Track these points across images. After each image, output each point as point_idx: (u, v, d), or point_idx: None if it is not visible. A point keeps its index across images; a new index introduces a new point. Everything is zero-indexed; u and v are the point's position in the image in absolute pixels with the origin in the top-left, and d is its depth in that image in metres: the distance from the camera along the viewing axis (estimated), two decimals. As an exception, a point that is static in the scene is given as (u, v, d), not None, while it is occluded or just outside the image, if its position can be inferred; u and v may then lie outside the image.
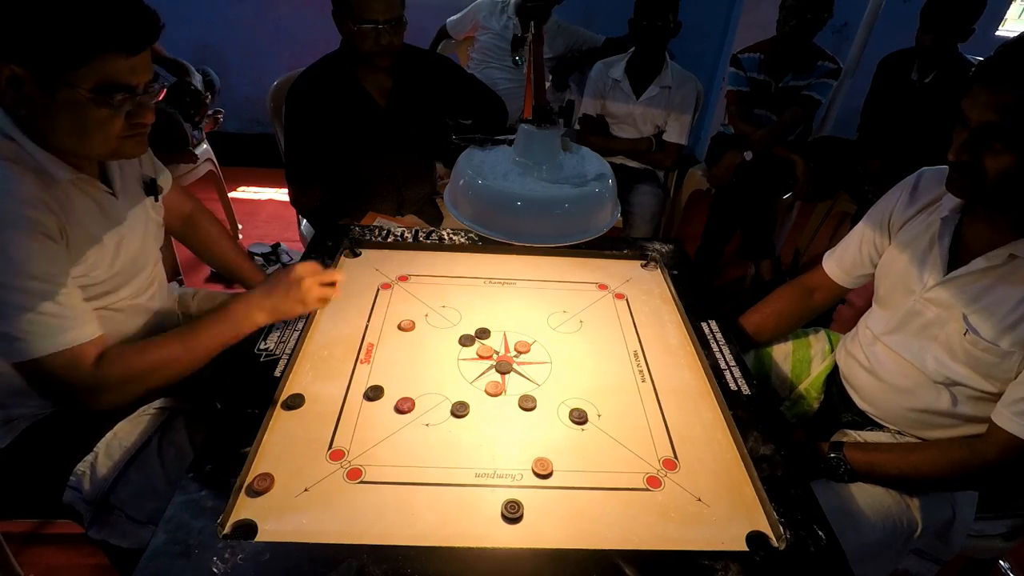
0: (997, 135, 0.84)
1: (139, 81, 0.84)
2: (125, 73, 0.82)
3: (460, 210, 0.88)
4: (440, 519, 0.77)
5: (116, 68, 0.81)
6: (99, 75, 0.80)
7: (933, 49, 2.10)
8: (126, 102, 0.84)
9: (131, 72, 0.82)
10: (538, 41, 0.85)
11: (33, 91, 0.79)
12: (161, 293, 1.13)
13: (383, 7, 1.43)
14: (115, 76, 0.81)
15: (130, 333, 1.04)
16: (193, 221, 1.29)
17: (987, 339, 0.93)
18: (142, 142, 0.92)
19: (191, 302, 1.29)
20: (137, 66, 0.83)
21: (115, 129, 0.86)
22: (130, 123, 0.87)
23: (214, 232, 1.31)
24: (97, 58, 0.79)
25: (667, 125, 2.31)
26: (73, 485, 0.94)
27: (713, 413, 0.98)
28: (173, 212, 1.25)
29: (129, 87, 0.83)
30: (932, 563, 1.12)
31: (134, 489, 0.94)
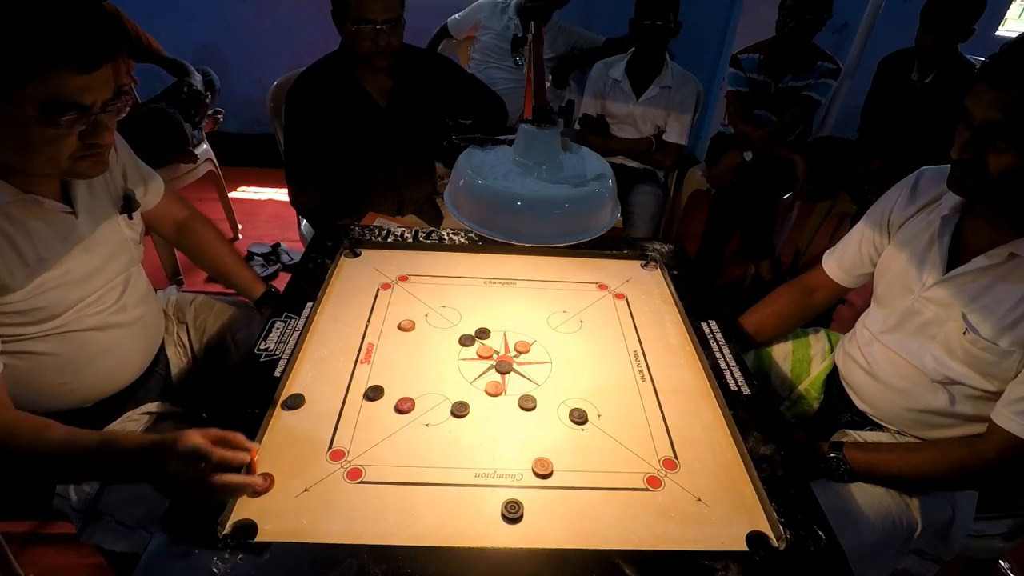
0: (1000, 133, 0.84)
1: (94, 99, 0.77)
2: (77, 91, 0.75)
3: (460, 210, 0.88)
4: (440, 519, 0.77)
5: (67, 85, 0.74)
6: (47, 92, 0.73)
7: (933, 49, 2.10)
8: (77, 122, 0.77)
9: (85, 90, 0.76)
10: (538, 41, 0.85)
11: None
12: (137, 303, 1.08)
13: (381, 7, 1.43)
14: (65, 94, 0.74)
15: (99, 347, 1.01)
16: (187, 228, 1.28)
17: (986, 338, 0.93)
18: (100, 162, 0.86)
19: (187, 308, 1.28)
20: (93, 84, 0.76)
21: (65, 149, 0.79)
22: (84, 143, 0.80)
23: (209, 238, 1.29)
24: (45, 74, 0.72)
25: (667, 125, 2.31)
26: (60, 493, 0.94)
27: (713, 413, 0.98)
28: (166, 219, 1.24)
29: (81, 106, 0.76)
30: (932, 563, 1.12)
31: (122, 495, 0.93)
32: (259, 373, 0.95)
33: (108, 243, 1.01)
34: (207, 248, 1.29)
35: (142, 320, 1.10)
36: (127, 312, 1.05)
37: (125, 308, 1.05)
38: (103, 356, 1.02)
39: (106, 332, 1.01)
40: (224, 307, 1.30)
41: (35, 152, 0.78)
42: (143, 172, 1.14)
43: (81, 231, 0.95)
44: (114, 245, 1.02)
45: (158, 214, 1.23)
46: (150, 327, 1.13)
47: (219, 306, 1.30)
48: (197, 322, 1.26)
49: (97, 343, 1.00)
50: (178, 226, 1.28)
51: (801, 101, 2.28)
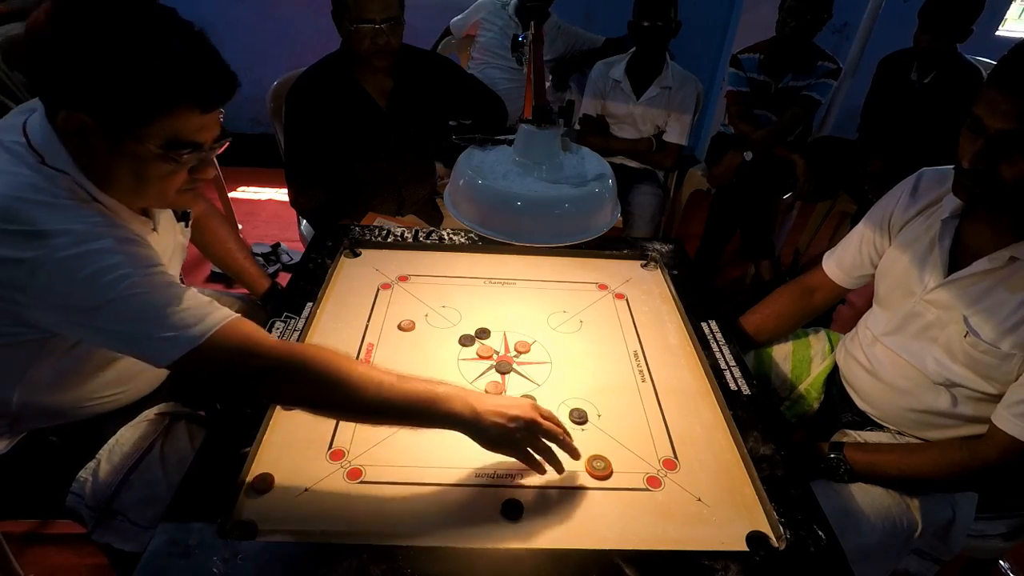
0: (1016, 143, 0.82)
1: (207, 138, 0.81)
2: (196, 130, 0.79)
3: (460, 210, 0.88)
4: (440, 519, 0.77)
5: (187, 125, 0.77)
6: (169, 131, 0.76)
7: (931, 49, 2.10)
8: (192, 158, 0.81)
9: (202, 129, 0.80)
10: (538, 41, 0.85)
11: (98, 140, 0.75)
12: None
13: (380, 7, 1.43)
14: (185, 133, 0.78)
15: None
16: (204, 221, 1.29)
17: (987, 341, 0.93)
18: (197, 195, 0.90)
19: None
20: (209, 123, 0.80)
21: (175, 184, 0.83)
22: (191, 177, 0.84)
23: (223, 233, 1.32)
24: (170, 114, 0.75)
25: (667, 125, 2.31)
26: (76, 491, 0.94)
27: (713, 413, 0.98)
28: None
29: (197, 144, 0.80)
30: (932, 563, 1.12)
31: (137, 495, 0.93)
32: (259, 373, 0.95)
33: (172, 251, 1.04)
34: (220, 243, 1.31)
35: None
36: None
37: None
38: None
39: None
40: (229, 302, 1.31)
41: (149, 185, 0.81)
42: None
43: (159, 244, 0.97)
44: (175, 252, 1.05)
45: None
46: None
47: (224, 301, 1.30)
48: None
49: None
50: (195, 220, 1.28)
51: (801, 101, 2.28)
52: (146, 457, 0.97)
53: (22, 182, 0.74)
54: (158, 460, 0.97)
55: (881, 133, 2.35)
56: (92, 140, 0.75)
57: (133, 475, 0.95)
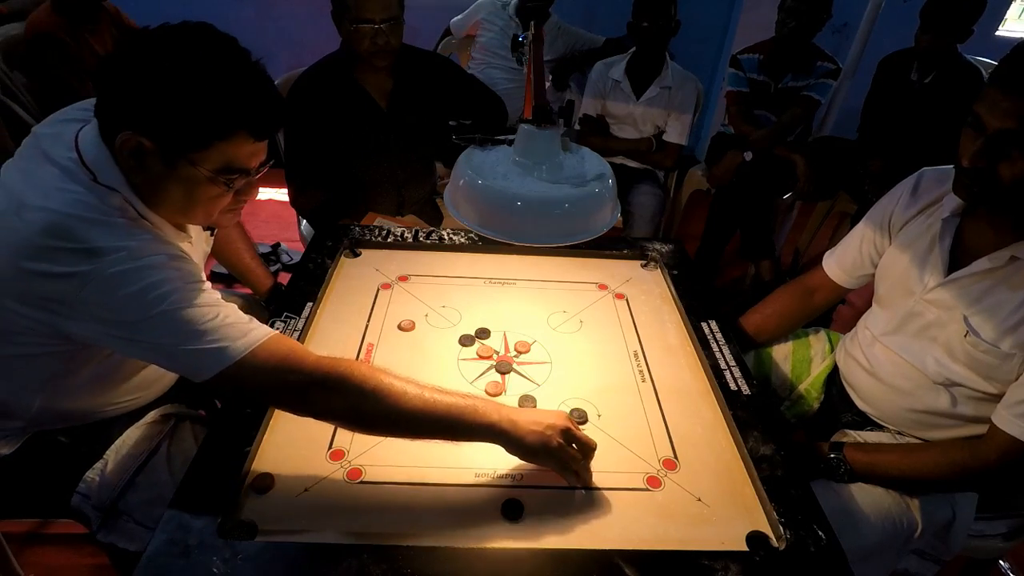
0: (1016, 142, 0.82)
1: (256, 163, 0.84)
2: (247, 156, 0.81)
3: (460, 210, 0.88)
4: (440, 519, 0.77)
5: (240, 151, 0.79)
6: (224, 157, 0.78)
7: (932, 49, 2.10)
8: (240, 182, 0.83)
9: (253, 156, 0.82)
10: (538, 41, 0.85)
11: (154, 163, 0.77)
12: None
13: (380, 7, 1.43)
14: (238, 159, 0.80)
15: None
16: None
17: (988, 341, 0.93)
18: (238, 214, 0.92)
19: None
20: (259, 150, 0.82)
21: (220, 205, 0.85)
22: (236, 199, 0.86)
23: (233, 234, 1.32)
24: (227, 141, 0.77)
25: (667, 125, 2.31)
26: (82, 492, 0.94)
27: (713, 413, 0.98)
28: None
29: (247, 169, 0.82)
30: (932, 563, 1.12)
31: (143, 496, 0.94)
32: (259, 373, 0.95)
33: (200, 260, 1.04)
34: (231, 243, 1.31)
35: None
36: None
37: None
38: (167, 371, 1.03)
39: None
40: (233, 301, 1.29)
41: (197, 206, 0.83)
42: None
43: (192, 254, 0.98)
44: (201, 261, 1.05)
45: None
46: None
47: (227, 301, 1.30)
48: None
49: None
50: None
51: (801, 101, 2.28)
52: (152, 458, 0.97)
53: (76, 199, 0.75)
54: (164, 461, 0.97)
55: (881, 133, 2.35)
56: (148, 162, 0.77)
57: (139, 476, 0.95)
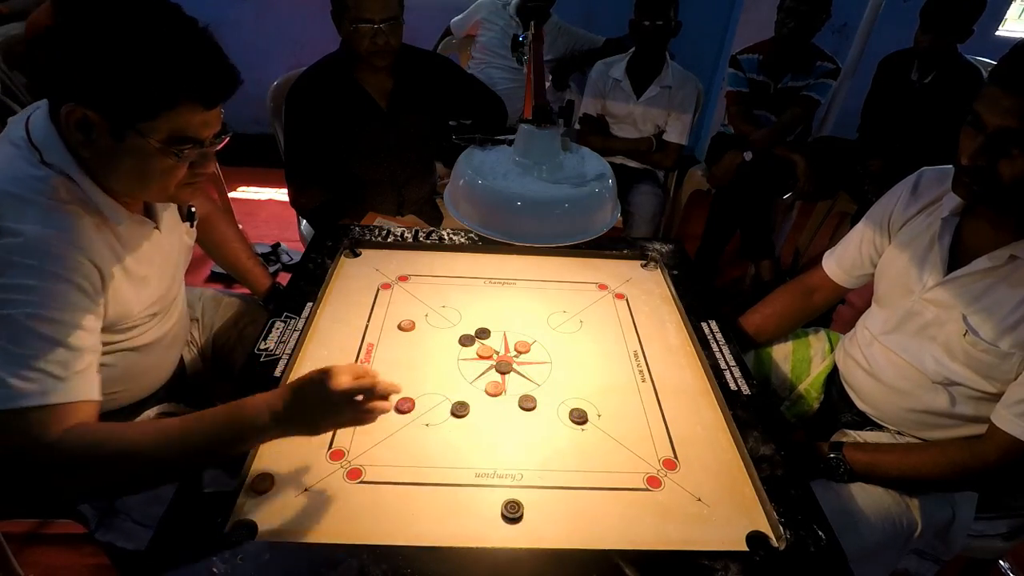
0: (1015, 140, 0.82)
1: (209, 133, 0.82)
2: (198, 126, 0.79)
3: (460, 210, 0.88)
4: (440, 519, 0.77)
5: (190, 121, 0.78)
6: (172, 127, 0.77)
7: (932, 49, 2.10)
8: (193, 153, 0.82)
9: (204, 125, 0.80)
10: (538, 41, 0.85)
11: (102, 136, 0.76)
12: (182, 311, 1.12)
13: (379, 7, 1.43)
14: (188, 128, 0.78)
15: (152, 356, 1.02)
16: (211, 222, 1.28)
17: (987, 340, 0.93)
18: (198, 189, 0.91)
19: (196, 303, 1.28)
20: (211, 119, 0.81)
21: (176, 178, 0.83)
22: (192, 172, 0.85)
23: (230, 234, 1.31)
24: (174, 110, 0.76)
25: (667, 125, 2.31)
26: None
27: (713, 413, 0.98)
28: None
29: (199, 140, 0.80)
30: (932, 563, 1.12)
31: (140, 495, 0.93)
32: (259, 373, 0.95)
33: (179, 251, 1.04)
34: (226, 243, 1.30)
35: (183, 326, 1.12)
36: (174, 320, 1.07)
37: (173, 316, 1.07)
38: (153, 366, 1.03)
39: (161, 341, 1.02)
40: (232, 302, 1.31)
41: (151, 181, 0.82)
42: None
43: (162, 243, 0.98)
44: (181, 254, 1.06)
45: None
46: (184, 331, 1.15)
47: (226, 301, 1.31)
48: (205, 318, 1.28)
49: (152, 353, 1.01)
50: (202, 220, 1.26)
51: (801, 101, 2.28)
52: None
53: (14, 176, 0.76)
54: None
55: (881, 133, 2.35)
56: (95, 135, 0.76)
57: None
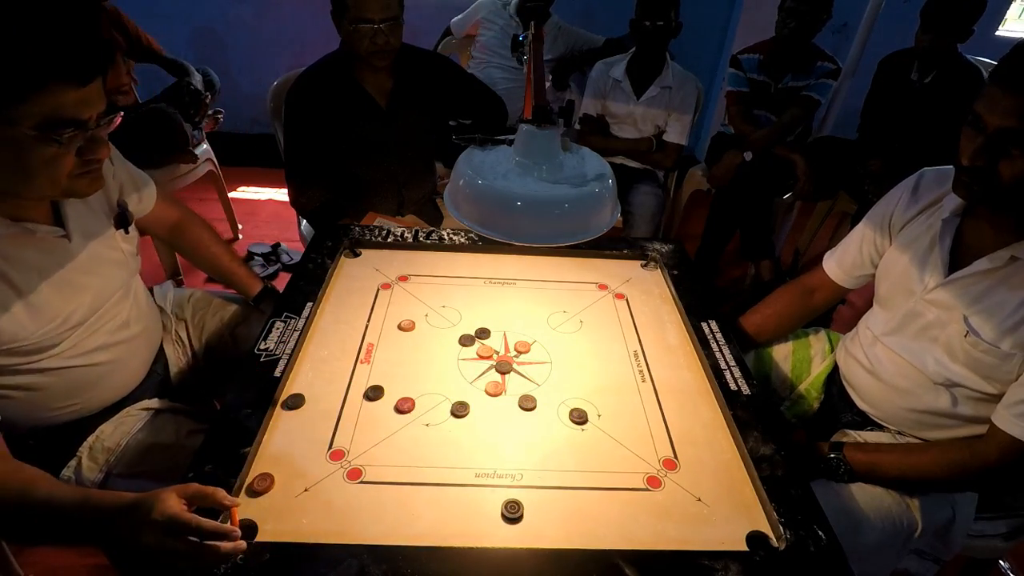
0: (1016, 141, 0.82)
1: (91, 114, 0.75)
2: (75, 106, 0.73)
3: (460, 210, 0.87)
4: (440, 519, 0.77)
5: (65, 101, 0.71)
6: (46, 110, 0.71)
7: (932, 49, 2.10)
8: (77, 138, 0.75)
9: (82, 104, 0.74)
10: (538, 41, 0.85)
11: None
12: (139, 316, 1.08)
13: (379, 7, 1.43)
14: (64, 110, 0.72)
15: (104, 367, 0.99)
16: (181, 229, 1.26)
17: (988, 341, 0.93)
18: (97, 178, 0.84)
19: (186, 304, 1.27)
20: (88, 97, 0.74)
21: (65, 168, 0.77)
22: (83, 159, 0.78)
23: (205, 237, 1.28)
24: (44, 91, 0.70)
25: (667, 125, 2.31)
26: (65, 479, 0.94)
27: (713, 413, 0.98)
28: (160, 222, 1.23)
29: (79, 121, 0.74)
30: (932, 563, 1.12)
31: (129, 484, 0.93)
32: (259, 373, 0.95)
33: (105, 261, 0.98)
34: (203, 248, 1.28)
35: (145, 331, 1.10)
36: (130, 327, 1.05)
37: (128, 324, 1.04)
38: (108, 375, 1.01)
39: (110, 350, 1.00)
40: (222, 303, 1.30)
41: (34, 174, 0.76)
42: (136, 179, 1.12)
43: (75, 254, 0.92)
44: (111, 262, 1.00)
45: (152, 219, 1.20)
46: (151, 334, 1.14)
47: (216, 302, 1.30)
48: (195, 319, 1.26)
49: (102, 364, 0.99)
50: (171, 228, 1.26)
51: (801, 101, 2.28)
52: (128, 450, 0.97)
53: None
54: (142, 452, 0.97)
55: (881, 133, 2.35)
56: None
57: (117, 468, 0.95)
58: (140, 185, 1.12)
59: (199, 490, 0.69)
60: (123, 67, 2.22)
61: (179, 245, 1.28)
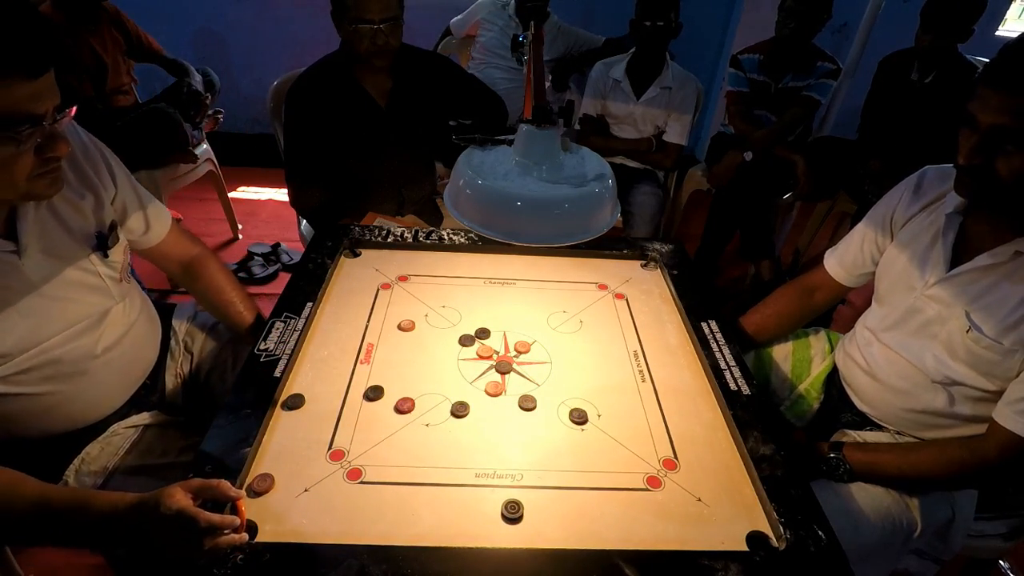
0: (1009, 138, 0.83)
1: (45, 108, 0.72)
2: (28, 100, 0.70)
3: (460, 210, 0.87)
4: (440, 519, 0.77)
5: (18, 96, 0.69)
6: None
7: (932, 49, 2.10)
8: (34, 135, 0.72)
9: (36, 99, 0.71)
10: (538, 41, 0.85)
11: None
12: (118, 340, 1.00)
13: (379, 7, 1.43)
14: (18, 105, 0.69)
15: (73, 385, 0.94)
16: (196, 268, 1.17)
17: (990, 336, 0.93)
18: (56, 180, 0.80)
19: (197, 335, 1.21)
20: (42, 91, 0.71)
21: (24, 169, 0.73)
22: (41, 158, 0.75)
23: (220, 280, 1.17)
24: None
25: (667, 125, 2.31)
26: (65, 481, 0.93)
27: (713, 413, 0.98)
28: (169, 258, 1.16)
29: (34, 116, 0.71)
30: (932, 563, 1.12)
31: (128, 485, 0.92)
32: (259, 373, 0.95)
33: (72, 284, 0.91)
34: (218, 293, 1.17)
35: (129, 352, 1.03)
36: (104, 351, 0.97)
37: (98, 346, 0.96)
38: (80, 393, 0.95)
39: (80, 370, 0.94)
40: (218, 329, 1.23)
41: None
42: (147, 206, 1.06)
43: (28, 273, 0.85)
44: (81, 286, 0.93)
45: (162, 252, 1.14)
46: (139, 357, 1.06)
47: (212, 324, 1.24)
48: (203, 352, 1.20)
49: (70, 382, 0.93)
50: (184, 266, 1.18)
51: (801, 101, 2.28)
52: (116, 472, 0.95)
53: None
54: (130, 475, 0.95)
55: (881, 133, 2.35)
56: None
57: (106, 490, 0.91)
58: (150, 214, 1.07)
59: (203, 484, 0.70)
60: (123, 67, 2.22)
61: (191, 285, 1.19)
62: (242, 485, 0.79)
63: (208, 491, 0.69)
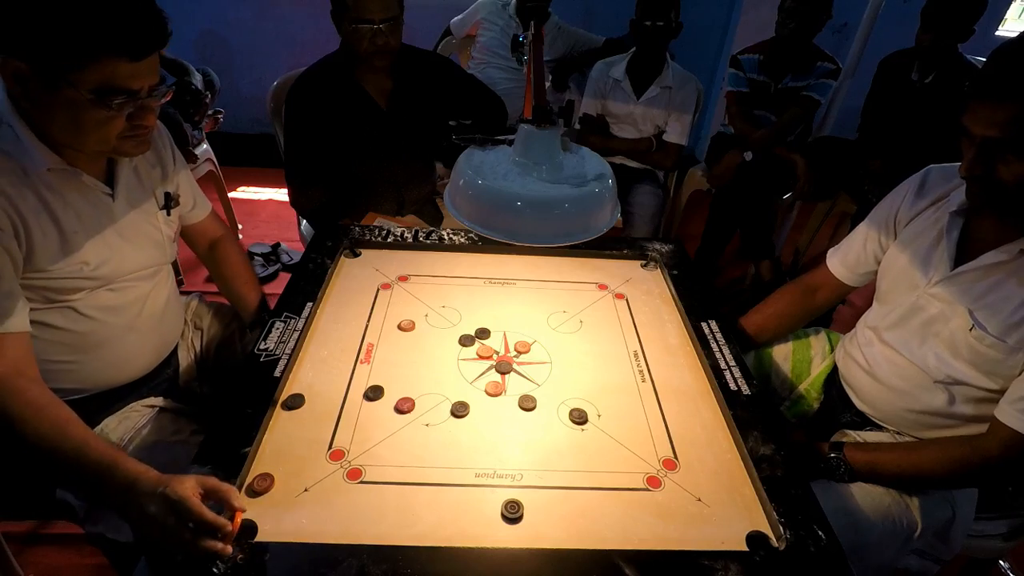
0: (1005, 148, 0.83)
1: (142, 85, 0.84)
2: (127, 77, 0.82)
3: (460, 210, 0.88)
4: (440, 519, 0.77)
5: (118, 72, 0.80)
6: (101, 77, 0.80)
7: (932, 49, 2.10)
8: (126, 105, 0.84)
9: (134, 76, 0.82)
10: (538, 41, 0.85)
11: (36, 86, 0.80)
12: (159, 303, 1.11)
13: (379, 7, 1.43)
14: (117, 80, 0.81)
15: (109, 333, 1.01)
16: (220, 247, 1.29)
17: (994, 335, 0.93)
18: (143, 142, 0.93)
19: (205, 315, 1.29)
20: (141, 71, 0.83)
21: (113, 130, 0.86)
22: (131, 124, 0.87)
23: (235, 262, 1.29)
24: (100, 61, 0.79)
25: (667, 125, 2.31)
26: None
27: (713, 413, 0.98)
28: (203, 235, 1.29)
29: (130, 91, 0.83)
30: (932, 563, 1.12)
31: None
32: (259, 373, 0.95)
33: (142, 233, 1.04)
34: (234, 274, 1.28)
35: (162, 320, 1.12)
36: (146, 307, 1.07)
37: (145, 303, 1.07)
38: (112, 344, 1.02)
39: (120, 320, 1.02)
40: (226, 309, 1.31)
41: (87, 131, 0.85)
42: (197, 193, 1.23)
43: (116, 214, 0.99)
44: (148, 237, 1.06)
45: (199, 229, 1.27)
46: (166, 328, 1.15)
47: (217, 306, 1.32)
48: (212, 330, 1.28)
49: (108, 329, 1.01)
50: (212, 244, 1.30)
51: (801, 101, 2.28)
52: (132, 448, 0.98)
53: None
54: (145, 451, 0.97)
55: (881, 133, 2.35)
56: (31, 87, 0.80)
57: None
58: (196, 195, 1.23)
59: (216, 485, 0.72)
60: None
61: (212, 261, 1.31)
62: (242, 485, 0.79)
63: (216, 493, 0.72)
